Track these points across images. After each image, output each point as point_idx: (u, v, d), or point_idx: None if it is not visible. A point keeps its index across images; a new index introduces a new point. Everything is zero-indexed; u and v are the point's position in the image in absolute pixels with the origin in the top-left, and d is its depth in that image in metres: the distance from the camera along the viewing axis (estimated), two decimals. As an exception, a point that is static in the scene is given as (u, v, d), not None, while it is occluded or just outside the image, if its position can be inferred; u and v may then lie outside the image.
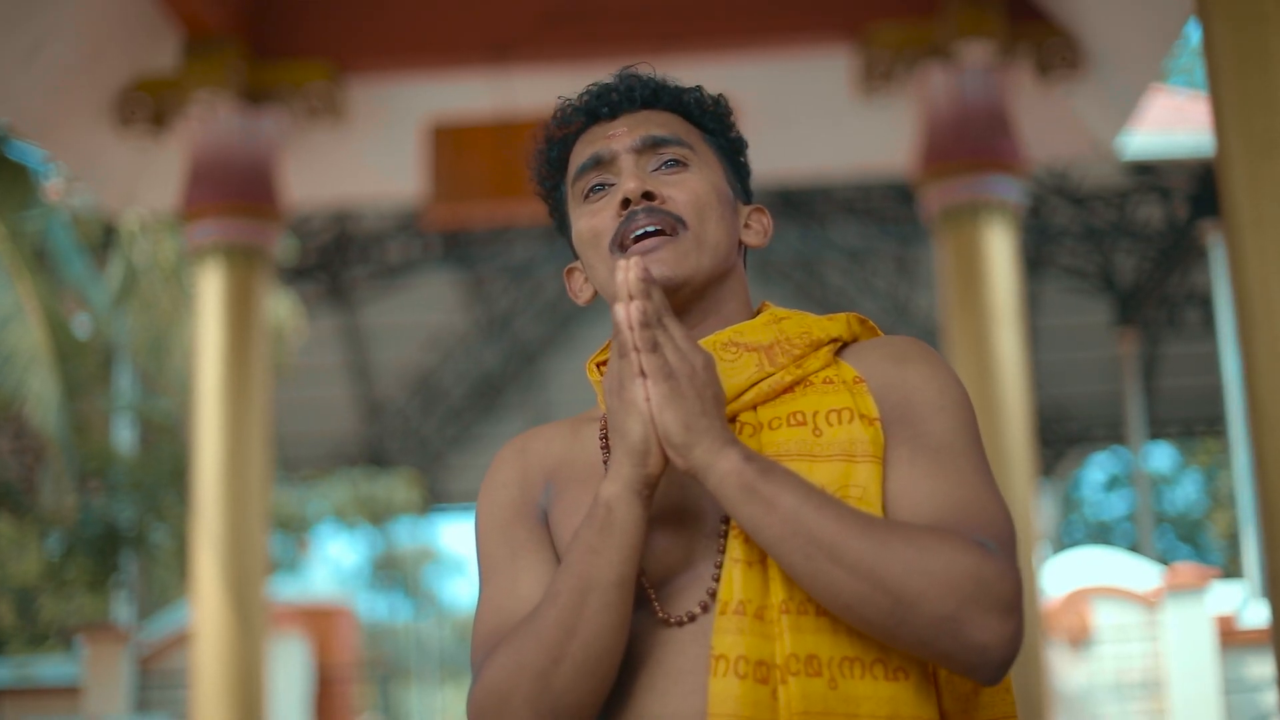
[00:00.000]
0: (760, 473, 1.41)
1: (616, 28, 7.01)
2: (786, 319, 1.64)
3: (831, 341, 1.62)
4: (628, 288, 1.42)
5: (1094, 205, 13.51)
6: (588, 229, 1.67)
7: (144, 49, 7.00)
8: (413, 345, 17.58)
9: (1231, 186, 3.64)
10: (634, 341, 1.42)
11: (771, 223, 1.77)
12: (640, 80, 1.74)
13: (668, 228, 1.61)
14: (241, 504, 6.69)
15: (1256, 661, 10.01)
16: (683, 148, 1.68)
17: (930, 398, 1.55)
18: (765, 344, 1.59)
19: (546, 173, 1.79)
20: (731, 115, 1.77)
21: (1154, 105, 9.37)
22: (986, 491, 1.49)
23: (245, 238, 6.92)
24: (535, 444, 1.69)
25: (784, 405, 1.56)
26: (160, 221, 10.69)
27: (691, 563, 1.52)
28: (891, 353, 1.61)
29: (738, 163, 1.77)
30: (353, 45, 7.15)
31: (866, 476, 1.48)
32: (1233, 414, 11.55)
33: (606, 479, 1.47)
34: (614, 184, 1.67)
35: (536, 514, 1.63)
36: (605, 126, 1.71)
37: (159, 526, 11.65)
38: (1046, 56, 6.75)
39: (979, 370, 6.45)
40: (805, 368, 1.58)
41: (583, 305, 1.76)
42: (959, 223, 6.62)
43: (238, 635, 6.60)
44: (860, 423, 1.52)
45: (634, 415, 1.44)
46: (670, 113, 1.73)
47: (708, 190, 1.66)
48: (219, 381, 6.75)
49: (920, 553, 1.37)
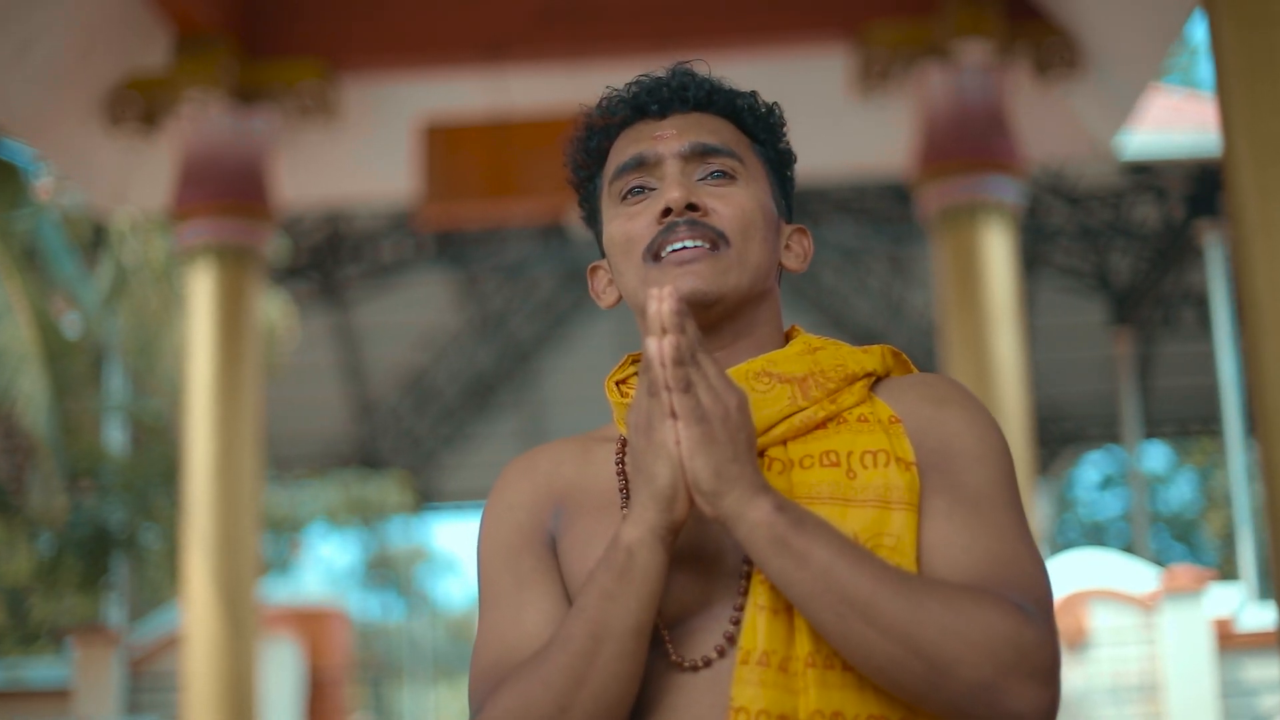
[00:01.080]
0: (792, 524, 1.34)
1: (612, 27, 6.97)
2: (821, 349, 1.56)
3: (866, 376, 1.54)
4: (660, 320, 1.33)
5: (1089, 204, 13.47)
6: (622, 233, 1.58)
7: (134, 47, 6.96)
8: (406, 344, 17.52)
9: (1239, 189, 3.59)
10: (666, 380, 1.34)
11: (812, 245, 1.68)
12: (694, 79, 1.64)
13: (709, 243, 1.53)
14: (232, 506, 6.65)
15: (1255, 665, 9.97)
16: (732, 159, 1.59)
17: (970, 445, 1.48)
18: (799, 376, 1.51)
19: (583, 161, 1.68)
20: (784, 126, 1.69)
21: (1150, 104, 9.33)
22: (1025, 549, 1.43)
23: (236, 238, 6.88)
24: (544, 464, 1.60)
25: (816, 442, 1.48)
26: (151, 221, 10.63)
27: (709, 604, 1.44)
28: (930, 394, 1.53)
29: (784, 177, 1.68)
30: (345, 43, 7.10)
31: (901, 526, 1.41)
32: (1228, 414, 11.52)
33: (628, 521, 1.39)
34: (655, 189, 1.58)
35: (545, 540, 1.55)
36: (652, 125, 1.62)
37: (150, 528, 11.59)
38: (1045, 55, 6.71)
39: (976, 371, 6.42)
40: (839, 403, 1.50)
41: (605, 308, 1.67)
42: (957, 223, 6.59)
43: (229, 638, 6.56)
44: (896, 467, 1.44)
45: (663, 458, 1.36)
46: (722, 118, 1.63)
47: (754, 208, 1.57)
48: (210, 382, 6.71)
49: (957, 616, 1.31)
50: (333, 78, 7.02)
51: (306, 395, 16.91)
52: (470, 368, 18.40)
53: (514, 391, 18.69)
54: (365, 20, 7.10)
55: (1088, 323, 15.29)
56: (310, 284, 15.25)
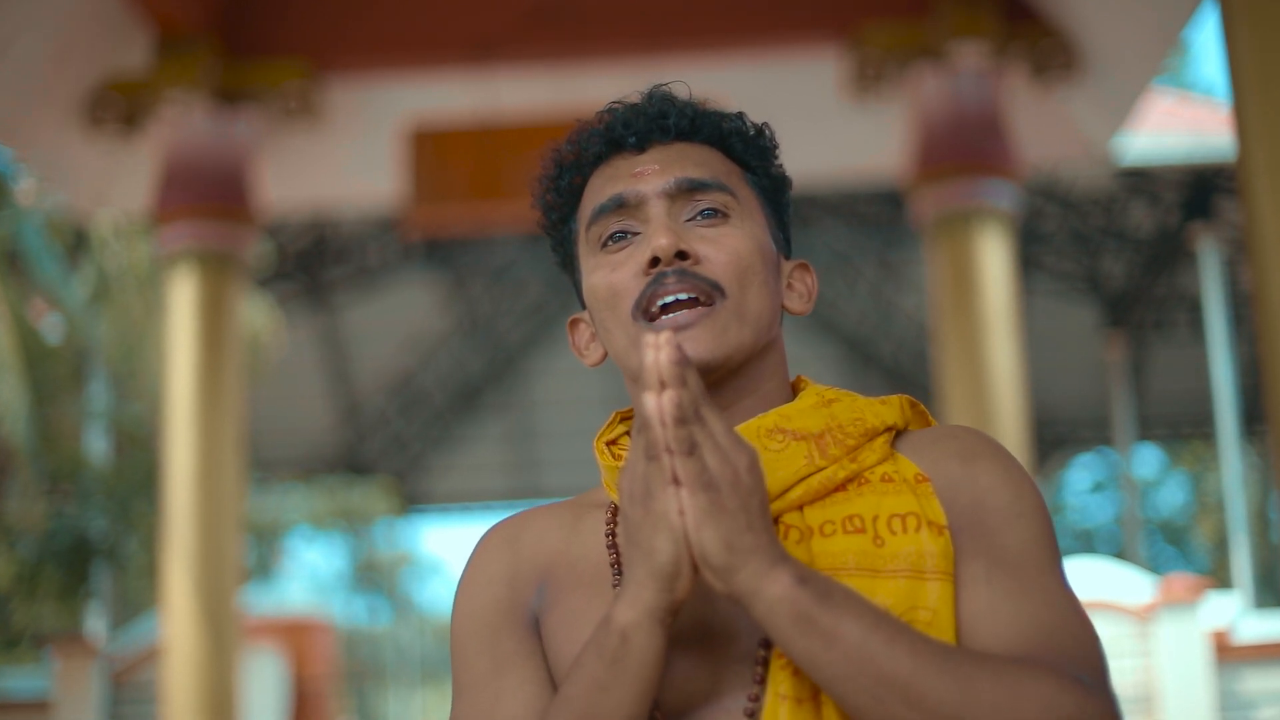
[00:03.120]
0: (818, 598, 1.18)
1: (601, 28, 6.88)
2: (836, 401, 1.41)
3: (887, 430, 1.40)
4: (658, 372, 1.17)
5: (1082, 207, 13.41)
6: (605, 286, 1.42)
7: (114, 48, 6.87)
8: (392, 347, 17.44)
9: (1255, 198, 3.49)
10: (666, 442, 1.18)
11: (816, 282, 1.52)
12: (675, 105, 1.48)
13: (703, 296, 1.37)
14: (214, 514, 6.55)
15: (1253, 676, 9.88)
16: (724, 194, 1.43)
17: (1005, 503, 1.33)
18: (815, 432, 1.36)
19: (555, 202, 1.51)
20: (776, 148, 1.52)
21: (1146, 107, 9.25)
22: (1073, 613, 1.30)
23: (219, 241, 6.80)
24: (527, 534, 1.44)
25: (837, 507, 1.33)
26: (133, 225, 10.51)
27: (717, 693, 1.29)
28: (956, 448, 1.38)
29: (780, 206, 1.52)
30: (330, 44, 7.01)
31: (937, 597, 1.28)
32: (1222, 418, 11.44)
33: (621, 600, 1.23)
34: (639, 233, 1.42)
35: (526, 619, 1.39)
36: (630, 160, 1.45)
37: (132, 535, 11.46)
38: (1041, 57, 6.62)
39: (971, 379, 6.33)
40: (861, 461, 1.35)
41: (590, 366, 1.51)
42: (951, 227, 6.50)
43: (210, 649, 6.46)
44: (928, 531, 1.30)
45: (663, 531, 1.20)
46: (708, 146, 1.47)
47: (750, 249, 1.41)
48: (191, 388, 6.61)
49: (1011, 693, 1.18)
50: (317, 78, 6.93)
51: (293, 399, 16.83)
52: (458, 370, 18.32)
53: (502, 394, 18.59)
54: (350, 20, 7.01)
55: (1078, 325, 15.24)
56: (296, 287, 15.16)
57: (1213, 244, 11.87)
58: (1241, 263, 12.43)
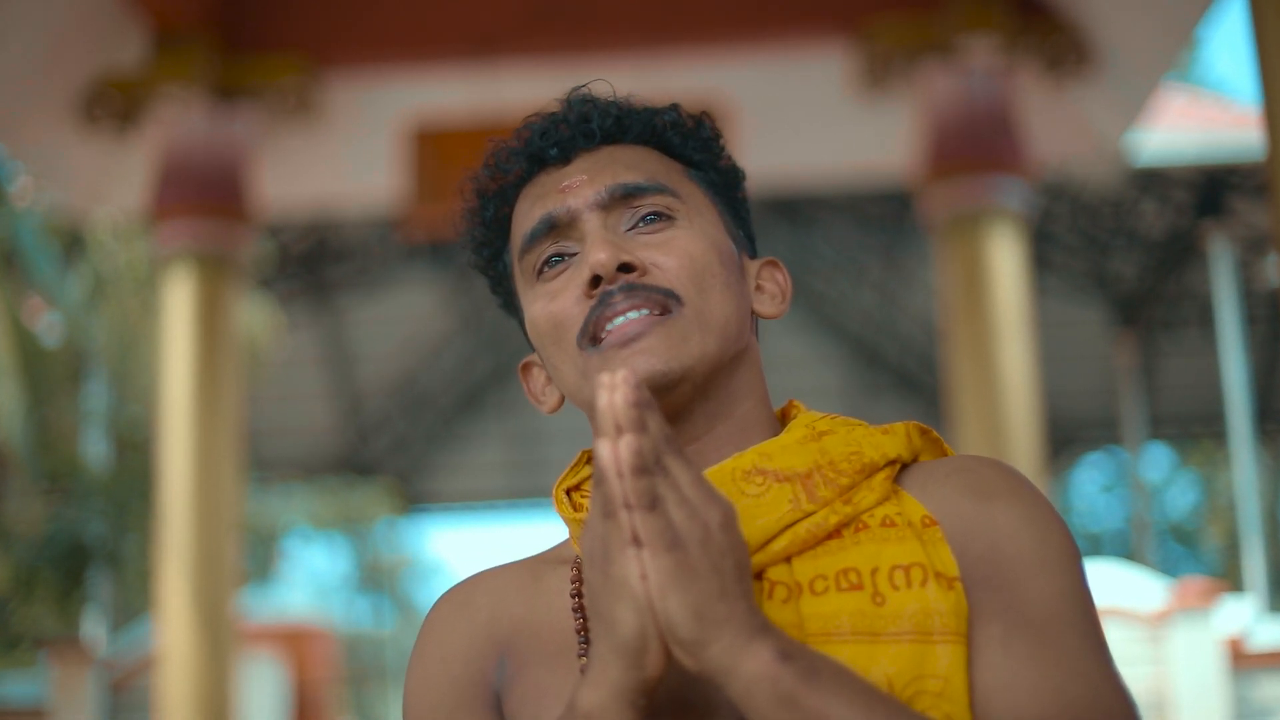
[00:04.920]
0: (803, 677, 1.02)
1: (604, 23, 6.79)
2: (830, 433, 1.22)
3: (889, 464, 1.21)
4: (614, 416, 1.01)
5: (1091, 204, 13.30)
6: (546, 318, 1.26)
7: (110, 44, 6.79)
8: (395, 346, 17.38)
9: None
10: (625, 496, 1.01)
11: (789, 281, 1.35)
12: (596, 106, 1.32)
13: (656, 307, 1.21)
14: (211, 518, 6.48)
15: (1269, 682, 9.75)
16: (665, 195, 1.27)
17: (1028, 549, 1.15)
18: (803, 471, 1.18)
19: (483, 237, 1.36)
20: (720, 139, 1.35)
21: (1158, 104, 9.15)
22: (1107, 685, 1.13)
23: (216, 241, 6.73)
24: (483, 598, 1.27)
25: (829, 558, 1.15)
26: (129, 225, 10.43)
27: None
28: (970, 484, 1.19)
29: (735, 201, 1.35)
30: (329, 39, 6.93)
31: (948, 663, 1.10)
32: (1234, 418, 11.33)
33: (586, 681, 1.06)
34: (576, 253, 1.26)
35: (487, 699, 1.23)
36: (556, 174, 1.29)
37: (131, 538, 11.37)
38: (1054, 52, 6.50)
39: (982, 380, 6.21)
40: (856, 503, 1.17)
41: (548, 414, 1.34)
42: (962, 226, 6.40)
43: (207, 655, 6.37)
44: (936, 585, 1.13)
45: (624, 600, 1.03)
46: (642, 146, 1.31)
47: (704, 249, 1.25)
48: (188, 390, 6.53)
49: None
50: (316, 75, 6.85)
51: (295, 399, 16.79)
52: (461, 368, 18.26)
53: (505, 393, 18.52)
54: (349, 15, 6.93)
55: (1087, 324, 15.15)
56: (298, 287, 15.09)
57: (1225, 242, 11.76)
58: (1254, 262, 12.33)
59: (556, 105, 1.33)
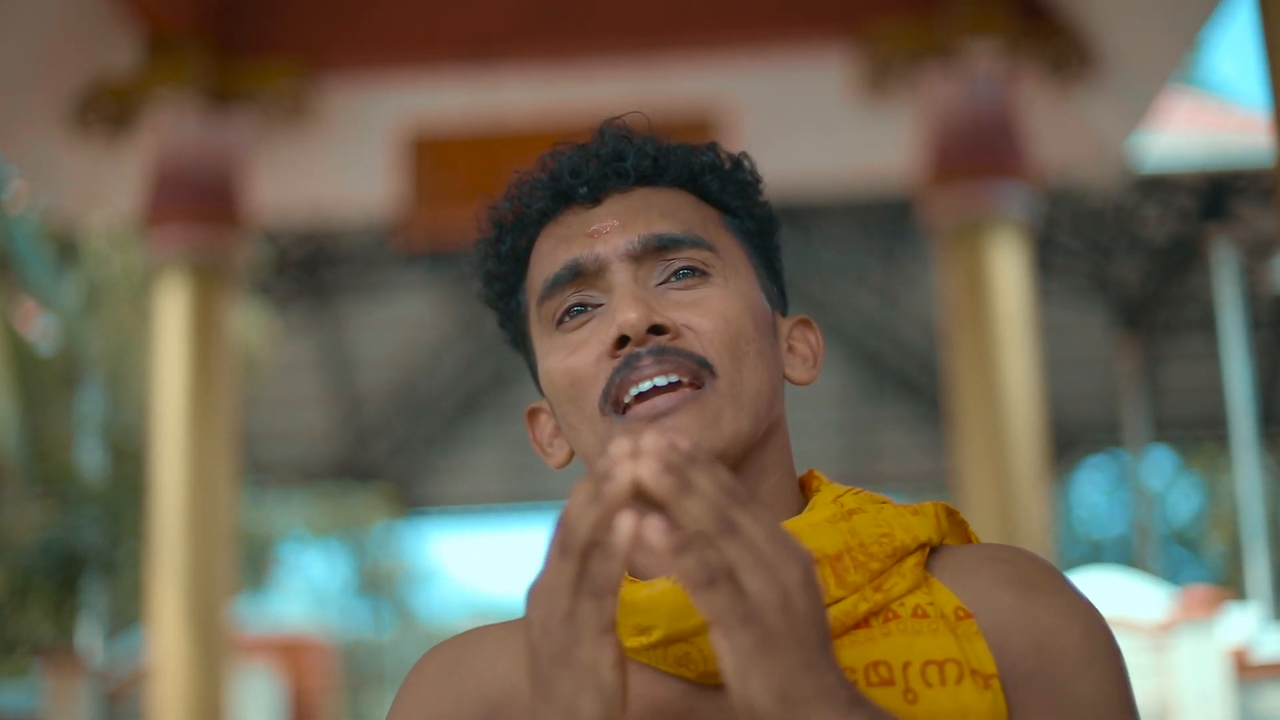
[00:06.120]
0: None
1: (603, 27, 6.72)
2: (858, 511, 1.12)
3: (920, 548, 1.12)
4: (621, 492, 0.90)
5: (1094, 208, 13.25)
6: (564, 374, 1.16)
7: (103, 48, 6.75)
8: (394, 350, 17.34)
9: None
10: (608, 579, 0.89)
11: (822, 342, 1.27)
12: (633, 144, 1.21)
13: (689, 376, 1.10)
14: (205, 527, 6.41)
15: (1274, 694, 9.68)
16: (701, 249, 1.16)
17: (1074, 647, 1.07)
18: (832, 554, 1.08)
19: (497, 271, 1.25)
20: (759, 182, 1.26)
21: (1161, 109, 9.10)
22: None
23: (210, 246, 6.67)
24: (471, 661, 1.16)
25: (857, 649, 1.06)
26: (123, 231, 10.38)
27: None
28: (1008, 574, 1.11)
29: (769, 251, 1.25)
30: (324, 43, 6.88)
31: None
32: (1237, 423, 11.27)
33: None
34: (601, 305, 1.16)
35: None
36: (584, 215, 1.19)
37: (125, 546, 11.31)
38: (1056, 55, 6.45)
39: (985, 386, 6.15)
40: (888, 591, 1.08)
41: (556, 469, 1.22)
42: (964, 232, 6.34)
43: (201, 665, 6.31)
44: (972, 683, 1.04)
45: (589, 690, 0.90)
46: (677, 190, 1.21)
47: (740, 312, 1.15)
48: (181, 397, 6.47)
49: None
50: (312, 78, 6.80)
51: (294, 404, 16.75)
52: (460, 372, 18.22)
53: (504, 395, 18.48)
54: (345, 19, 6.87)
55: (1089, 328, 15.11)
56: (297, 291, 15.04)
57: (1228, 247, 11.71)
58: (1257, 266, 12.28)
59: (593, 141, 1.23)
